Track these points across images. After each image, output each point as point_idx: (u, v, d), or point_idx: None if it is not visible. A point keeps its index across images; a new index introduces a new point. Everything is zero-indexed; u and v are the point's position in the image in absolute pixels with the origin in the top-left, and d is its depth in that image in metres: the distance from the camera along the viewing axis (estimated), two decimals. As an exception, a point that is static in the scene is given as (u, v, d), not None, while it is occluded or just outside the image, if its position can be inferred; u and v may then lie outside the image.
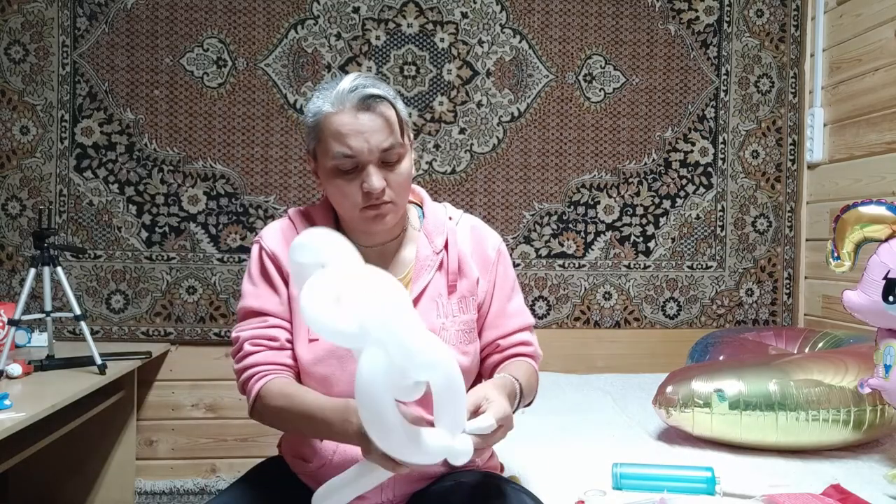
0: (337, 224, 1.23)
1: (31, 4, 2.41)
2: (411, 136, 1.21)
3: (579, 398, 2.12)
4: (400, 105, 1.16)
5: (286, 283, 1.18)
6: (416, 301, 1.18)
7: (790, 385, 1.53)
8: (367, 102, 1.11)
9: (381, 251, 1.22)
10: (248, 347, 1.16)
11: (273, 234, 1.22)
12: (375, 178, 1.11)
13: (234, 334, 1.19)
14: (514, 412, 1.11)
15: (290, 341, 1.18)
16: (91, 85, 2.44)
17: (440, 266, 1.21)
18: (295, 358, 1.18)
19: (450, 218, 1.27)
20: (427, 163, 2.57)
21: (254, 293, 1.19)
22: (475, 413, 0.99)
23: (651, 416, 1.74)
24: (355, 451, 1.12)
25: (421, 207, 1.28)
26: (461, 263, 1.23)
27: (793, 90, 2.71)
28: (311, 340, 1.15)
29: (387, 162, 1.13)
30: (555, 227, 2.63)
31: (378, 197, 1.12)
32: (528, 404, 1.28)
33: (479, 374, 1.29)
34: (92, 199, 2.46)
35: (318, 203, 1.26)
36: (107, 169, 2.46)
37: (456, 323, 1.20)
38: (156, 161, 2.48)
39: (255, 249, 1.22)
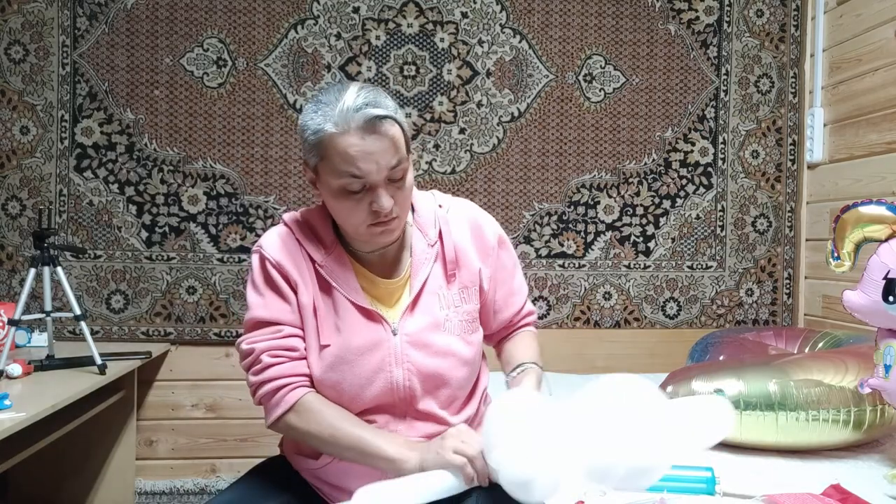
0: (335, 228, 1.22)
1: (31, 4, 2.41)
2: (410, 144, 1.19)
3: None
4: (401, 118, 1.13)
5: (294, 290, 1.17)
6: (418, 296, 1.18)
7: (790, 385, 1.53)
8: (374, 123, 1.07)
9: (383, 254, 1.22)
10: (267, 359, 1.14)
11: (273, 243, 1.19)
12: (386, 200, 1.09)
13: (245, 346, 1.16)
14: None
15: (305, 350, 1.17)
16: (91, 85, 2.44)
17: (436, 258, 1.21)
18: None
19: (440, 206, 1.26)
20: (427, 163, 2.57)
21: (262, 303, 1.17)
22: None
23: (651, 416, 1.73)
24: None
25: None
26: (458, 254, 1.22)
27: (793, 90, 2.71)
28: (322, 347, 1.15)
29: (393, 179, 1.11)
30: (555, 227, 2.63)
31: (387, 215, 1.11)
32: None
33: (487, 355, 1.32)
34: (92, 199, 2.46)
35: (315, 207, 1.25)
36: (107, 169, 2.46)
37: (459, 313, 1.20)
38: (156, 161, 2.48)
39: (256, 259, 1.19)
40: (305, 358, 1.16)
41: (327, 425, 1.11)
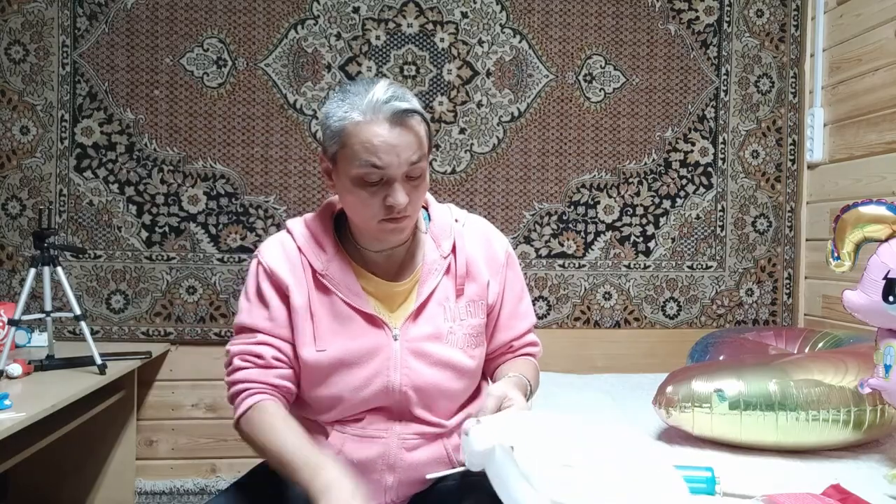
0: (337, 231, 1.22)
1: (31, 4, 2.41)
2: (432, 145, 1.20)
3: (579, 398, 2.12)
4: (427, 120, 1.15)
5: (286, 297, 1.16)
6: (423, 305, 1.18)
7: (790, 385, 1.53)
8: (401, 116, 1.08)
9: (390, 255, 1.21)
10: (237, 362, 1.16)
11: (271, 250, 1.20)
12: (401, 195, 1.09)
13: (227, 347, 1.20)
14: None
15: (279, 359, 1.16)
16: (91, 85, 2.44)
17: (447, 270, 1.21)
18: (289, 377, 1.17)
19: (456, 220, 1.26)
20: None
21: (247, 309, 1.19)
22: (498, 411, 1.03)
23: (651, 416, 1.73)
24: (359, 455, 1.13)
25: (426, 210, 1.28)
26: (470, 268, 1.22)
27: (793, 90, 2.71)
28: (318, 351, 1.15)
29: (411, 176, 1.11)
30: (555, 227, 2.63)
31: (400, 211, 1.11)
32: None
33: (483, 373, 1.29)
34: (92, 199, 2.46)
35: (318, 212, 1.25)
36: (107, 169, 2.46)
37: (464, 327, 1.20)
38: (156, 161, 2.48)
39: (253, 265, 1.21)
40: (274, 367, 1.15)
41: (264, 429, 1.10)
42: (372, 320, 1.16)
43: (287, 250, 1.20)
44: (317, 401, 1.18)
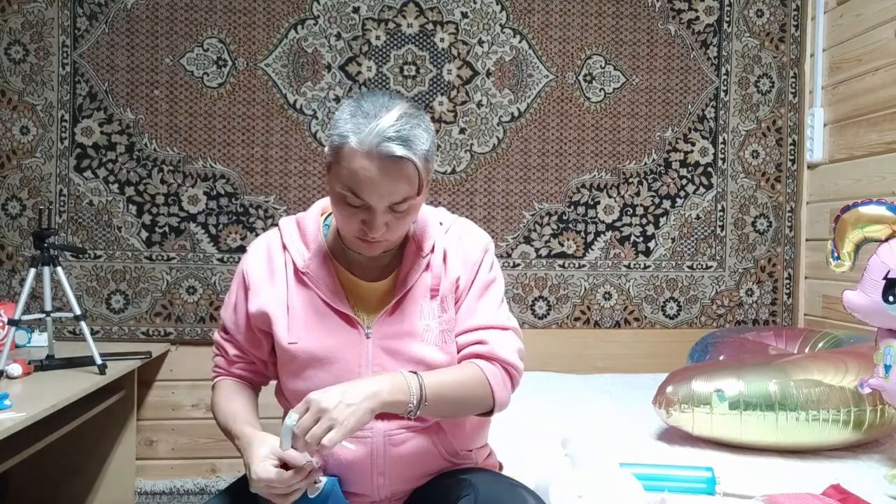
0: (325, 229, 1.24)
1: (31, 4, 2.41)
2: (430, 179, 1.16)
3: (579, 398, 2.12)
4: (426, 159, 1.10)
5: (255, 296, 1.21)
6: (398, 303, 1.18)
7: (790, 385, 1.53)
8: (393, 160, 1.05)
9: (373, 258, 1.22)
10: (213, 349, 1.30)
11: (255, 249, 1.25)
12: (378, 227, 1.09)
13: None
14: (416, 412, 1.08)
15: (239, 356, 1.26)
16: (91, 85, 2.44)
17: (426, 268, 1.21)
18: (251, 370, 1.27)
19: (440, 223, 1.26)
20: (427, 163, 2.57)
21: (224, 306, 1.28)
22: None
23: (651, 416, 1.74)
24: (347, 457, 1.13)
25: None
26: (445, 265, 1.22)
27: (793, 90, 2.71)
28: (290, 344, 1.17)
29: (395, 211, 1.10)
30: (555, 227, 2.63)
31: (373, 237, 1.11)
32: (489, 413, 1.21)
33: None
34: (92, 199, 2.46)
35: (309, 210, 1.27)
36: (107, 169, 2.46)
37: (441, 323, 1.20)
38: (156, 161, 2.48)
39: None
40: (234, 362, 1.26)
41: (217, 402, 1.24)
42: (346, 318, 1.17)
43: (270, 248, 1.23)
44: (295, 395, 1.19)
